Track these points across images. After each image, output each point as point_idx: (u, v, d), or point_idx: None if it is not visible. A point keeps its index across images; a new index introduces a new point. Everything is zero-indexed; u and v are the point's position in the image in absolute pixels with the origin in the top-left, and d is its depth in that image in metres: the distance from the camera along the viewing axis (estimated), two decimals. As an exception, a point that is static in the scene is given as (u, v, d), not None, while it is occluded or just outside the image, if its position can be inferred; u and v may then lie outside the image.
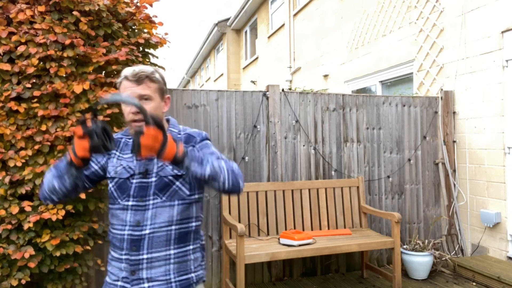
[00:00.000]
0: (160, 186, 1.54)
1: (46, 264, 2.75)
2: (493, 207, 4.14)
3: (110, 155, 1.65)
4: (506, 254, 4.01)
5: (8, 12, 2.80)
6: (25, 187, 2.66)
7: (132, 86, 1.51)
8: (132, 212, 1.53)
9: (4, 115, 2.73)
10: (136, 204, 1.54)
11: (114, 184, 1.58)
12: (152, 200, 1.53)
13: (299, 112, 4.17)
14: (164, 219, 1.53)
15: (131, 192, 1.54)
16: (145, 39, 3.16)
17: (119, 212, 1.56)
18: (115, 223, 1.58)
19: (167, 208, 1.54)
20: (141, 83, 1.51)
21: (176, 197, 1.55)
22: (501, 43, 4.04)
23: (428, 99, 4.62)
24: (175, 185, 1.55)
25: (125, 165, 1.58)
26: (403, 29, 5.57)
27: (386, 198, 4.42)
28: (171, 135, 1.47)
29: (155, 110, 1.53)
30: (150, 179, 1.55)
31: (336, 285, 3.88)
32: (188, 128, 1.69)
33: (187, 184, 1.57)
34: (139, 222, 1.52)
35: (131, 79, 1.51)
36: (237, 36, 14.50)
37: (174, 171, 1.55)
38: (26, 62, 2.73)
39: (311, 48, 8.57)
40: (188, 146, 1.59)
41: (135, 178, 1.56)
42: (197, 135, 1.64)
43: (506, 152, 4.01)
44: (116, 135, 1.67)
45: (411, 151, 4.53)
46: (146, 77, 1.52)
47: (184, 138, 1.62)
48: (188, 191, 1.58)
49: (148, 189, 1.54)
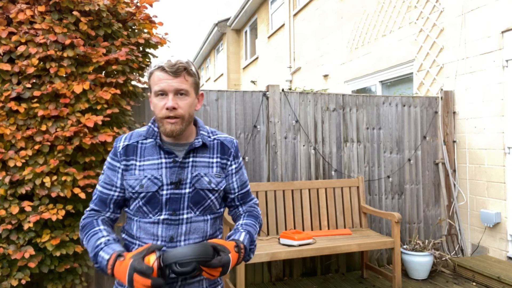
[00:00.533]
0: (195, 199, 1.43)
1: (46, 264, 2.75)
2: (493, 207, 4.14)
3: (128, 167, 1.45)
4: (506, 254, 4.01)
5: (8, 12, 2.80)
6: (25, 187, 2.66)
7: (168, 79, 1.35)
8: (164, 227, 1.41)
9: (4, 115, 2.73)
10: (168, 218, 1.41)
11: (141, 199, 1.41)
12: (186, 214, 1.42)
13: (299, 112, 4.17)
14: (198, 235, 1.44)
15: (163, 206, 1.41)
16: (145, 39, 3.16)
17: (149, 226, 1.42)
18: (142, 236, 1.42)
19: (201, 223, 1.45)
20: (178, 75, 1.36)
21: (208, 211, 1.47)
22: (501, 43, 4.04)
23: (428, 99, 4.62)
24: (210, 199, 1.46)
25: (150, 176, 1.41)
26: (403, 29, 5.57)
27: (386, 198, 4.42)
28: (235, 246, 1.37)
29: (190, 107, 1.40)
30: (184, 190, 1.42)
31: (336, 285, 3.88)
32: (216, 131, 1.57)
33: (219, 198, 1.51)
34: (172, 237, 1.41)
35: (168, 70, 1.35)
36: (237, 36, 14.50)
37: (211, 184, 1.45)
38: (26, 62, 2.73)
39: (311, 48, 8.57)
40: (223, 164, 1.51)
41: (164, 189, 1.41)
42: (230, 145, 1.54)
43: (506, 152, 4.00)
44: (126, 138, 1.49)
45: (411, 151, 4.53)
46: (184, 69, 1.37)
47: (217, 146, 1.51)
48: (218, 205, 1.51)
49: (181, 202, 1.42)
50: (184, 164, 1.43)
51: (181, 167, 1.43)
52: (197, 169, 1.45)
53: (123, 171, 1.46)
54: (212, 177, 1.46)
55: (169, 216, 1.41)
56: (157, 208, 1.41)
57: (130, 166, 1.45)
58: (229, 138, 1.56)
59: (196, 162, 1.45)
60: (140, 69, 3.18)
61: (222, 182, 1.49)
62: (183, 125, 1.39)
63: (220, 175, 1.49)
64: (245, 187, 1.59)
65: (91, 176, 2.78)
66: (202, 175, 1.44)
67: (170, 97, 1.35)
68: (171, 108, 1.35)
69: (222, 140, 1.53)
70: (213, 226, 1.49)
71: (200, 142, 1.46)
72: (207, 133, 1.52)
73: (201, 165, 1.46)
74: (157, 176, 1.41)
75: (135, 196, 1.42)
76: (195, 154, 1.46)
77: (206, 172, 1.45)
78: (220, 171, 1.49)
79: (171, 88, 1.35)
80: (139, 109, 3.59)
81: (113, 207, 1.48)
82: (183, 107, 1.37)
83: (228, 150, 1.52)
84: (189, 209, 1.42)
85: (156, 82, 1.37)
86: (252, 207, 1.60)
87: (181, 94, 1.37)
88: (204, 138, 1.48)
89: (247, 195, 1.60)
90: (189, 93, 1.39)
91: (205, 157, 1.48)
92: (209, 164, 1.47)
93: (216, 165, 1.49)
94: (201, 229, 1.44)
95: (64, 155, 2.71)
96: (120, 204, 1.49)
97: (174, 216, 1.41)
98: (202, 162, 1.46)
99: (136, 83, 3.20)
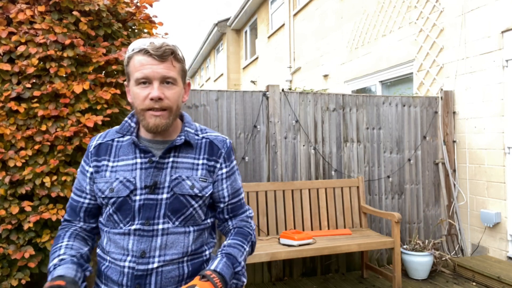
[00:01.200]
0: (173, 206, 1.21)
1: (46, 264, 2.74)
2: (493, 207, 4.14)
3: (99, 168, 1.26)
4: (506, 254, 4.01)
5: (8, 12, 2.80)
6: (25, 187, 2.66)
7: (153, 64, 1.15)
8: (136, 239, 1.20)
9: (4, 115, 2.73)
10: (140, 228, 1.20)
11: (112, 206, 1.22)
12: (161, 224, 1.20)
13: (299, 112, 4.17)
14: (177, 250, 1.21)
15: (136, 214, 1.20)
16: (145, 39, 3.15)
17: (119, 237, 1.22)
18: (112, 250, 1.23)
19: (181, 235, 1.22)
20: (165, 60, 1.16)
21: (191, 222, 1.25)
22: (501, 43, 4.04)
23: (428, 99, 4.62)
24: (193, 207, 1.24)
25: (122, 179, 1.22)
26: (403, 29, 5.57)
27: (386, 198, 4.42)
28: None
29: (178, 98, 1.21)
30: (160, 195, 1.21)
31: (336, 285, 3.88)
32: (207, 129, 1.36)
33: (204, 207, 1.28)
34: (144, 252, 1.19)
35: (153, 53, 1.15)
36: (237, 36, 14.50)
37: (194, 189, 1.24)
38: (26, 62, 2.73)
39: (311, 48, 8.57)
40: (210, 167, 1.28)
41: (137, 193, 1.21)
42: (221, 145, 1.32)
43: (506, 152, 4.00)
44: (101, 136, 1.33)
45: (411, 151, 4.53)
46: (171, 53, 1.17)
47: (205, 146, 1.30)
48: (203, 215, 1.29)
49: (156, 209, 1.21)
50: (162, 165, 1.23)
51: (158, 168, 1.22)
52: (178, 171, 1.24)
53: (92, 174, 1.27)
54: (195, 181, 1.24)
55: (142, 226, 1.19)
56: (128, 217, 1.21)
57: (101, 167, 1.26)
58: (221, 137, 1.34)
59: (177, 163, 1.25)
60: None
61: (208, 187, 1.27)
62: (170, 118, 1.20)
63: (206, 179, 1.27)
64: (237, 196, 1.36)
65: (91, 176, 2.78)
66: (183, 178, 1.23)
67: (155, 85, 1.16)
68: (156, 98, 1.15)
69: (212, 139, 1.32)
70: (198, 241, 1.27)
71: (182, 140, 1.25)
72: (194, 130, 1.32)
73: (183, 167, 1.25)
74: (130, 178, 1.21)
75: (105, 202, 1.23)
76: (176, 154, 1.25)
77: (189, 175, 1.24)
78: (207, 175, 1.27)
79: (156, 75, 1.15)
80: (139, 109, 3.58)
81: (83, 216, 1.30)
82: (171, 98, 1.19)
83: (217, 151, 1.30)
84: (166, 218, 1.21)
85: (137, 68, 1.17)
86: (244, 221, 1.37)
87: (168, 82, 1.18)
88: (189, 135, 1.28)
89: (239, 207, 1.37)
90: (176, 82, 1.20)
91: (189, 157, 1.27)
92: (193, 166, 1.26)
93: (202, 167, 1.27)
94: (180, 243, 1.22)
95: (64, 155, 2.71)
96: (93, 213, 1.31)
97: (147, 226, 1.19)
98: (184, 163, 1.25)
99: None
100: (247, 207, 1.41)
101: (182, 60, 1.23)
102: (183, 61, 1.24)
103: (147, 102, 1.17)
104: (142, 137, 1.28)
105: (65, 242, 1.25)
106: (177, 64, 1.20)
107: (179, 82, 1.21)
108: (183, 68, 1.24)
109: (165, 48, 1.16)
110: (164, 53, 1.15)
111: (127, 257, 1.20)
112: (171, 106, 1.19)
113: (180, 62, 1.22)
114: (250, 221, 1.39)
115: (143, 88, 1.17)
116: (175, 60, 1.19)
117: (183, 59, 1.24)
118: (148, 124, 1.19)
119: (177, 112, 1.23)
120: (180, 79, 1.23)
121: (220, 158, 1.30)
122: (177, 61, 1.20)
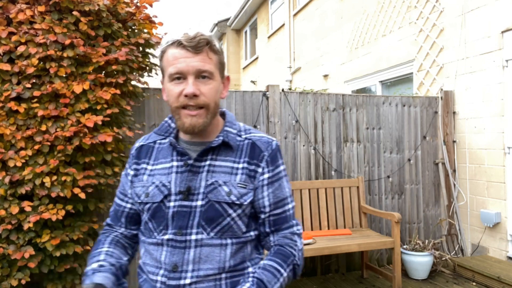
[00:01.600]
0: (208, 215, 1.09)
1: (46, 264, 2.75)
2: (493, 207, 4.14)
3: (138, 171, 1.19)
4: (506, 254, 4.01)
5: (8, 12, 2.80)
6: (25, 187, 2.66)
7: (187, 56, 1.04)
8: (168, 250, 1.09)
9: (4, 115, 2.73)
10: (173, 238, 1.09)
11: (147, 213, 1.14)
12: (194, 235, 1.08)
13: (299, 112, 4.17)
14: (212, 265, 1.08)
15: (169, 222, 1.10)
16: (145, 39, 3.16)
17: (153, 248, 1.12)
18: (147, 262, 1.14)
19: (217, 248, 1.09)
20: (199, 52, 1.05)
21: (229, 233, 1.11)
22: (501, 43, 4.04)
23: (428, 99, 4.62)
24: (230, 217, 1.10)
25: (158, 183, 1.13)
26: (403, 29, 5.57)
27: (386, 198, 4.42)
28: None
29: (216, 94, 1.10)
30: (195, 202, 1.10)
31: (336, 285, 3.88)
32: (251, 129, 1.22)
33: (245, 217, 1.13)
34: (176, 266, 1.07)
35: (186, 44, 1.04)
36: (237, 36, 14.50)
37: (230, 196, 1.10)
38: (26, 62, 2.73)
39: (311, 48, 8.57)
40: (251, 171, 1.14)
41: (172, 199, 1.11)
42: (264, 146, 1.17)
43: (506, 152, 4.00)
44: (144, 138, 1.25)
45: (411, 151, 4.53)
46: (206, 44, 1.07)
47: (247, 147, 1.16)
48: (244, 226, 1.14)
49: (190, 218, 1.09)
50: (198, 169, 1.12)
51: (193, 172, 1.11)
52: (214, 175, 1.12)
53: (132, 178, 1.20)
54: (233, 187, 1.11)
55: (174, 236, 1.09)
56: (162, 225, 1.11)
57: (140, 171, 1.18)
58: (265, 138, 1.19)
59: (214, 166, 1.13)
60: (140, 69, 3.18)
61: (247, 194, 1.13)
62: (207, 117, 1.09)
63: (246, 185, 1.13)
64: (281, 206, 1.17)
65: (91, 176, 2.78)
66: (220, 183, 1.10)
67: (190, 80, 1.05)
68: (191, 94, 1.04)
69: (255, 140, 1.17)
70: (237, 255, 1.11)
71: (220, 141, 1.13)
72: (236, 131, 1.18)
73: (221, 171, 1.13)
74: (166, 183, 1.12)
75: (141, 207, 1.16)
76: (214, 157, 1.14)
77: (227, 180, 1.11)
78: (247, 180, 1.13)
79: (191, 69, 1.05)
80: (139, 109, 3.58)
81: (125, 222, 1.23)
82: (207, 94, 1.07)
83: (260, 154, 1.15)
84: (199, 228, 1.08)
85: (170, 62, 1.07)
86: (288, 238, 1.17)
87: (204, 77, 1.07)
88: (228, 136, 1.15)
89: (284, 220, 1.18)
90: (213, 76, 1.08)
91: (228, 160, 1.14)
92: (232, 170, 1.13)
93: (242, 172, 1.13)
94: (215, 257, 1.08)
95: (64, 155, 2.71)
96: (135, 219, 1.23)
97: (180, 236, 1.08)
98: (222, 167, 1.13)
99: (136, 83, 3.20)
100: (295, 222, 1.21)
101: (219, 51, 1.12)
102: (220, 53, 1.12)
103: (182, 99, 1.06)
104: (181, 139, 1.19)
105: (106, 248, 1.18)
106: (214, 55, 1.09)
107: (216, 76, 1.10)
108: (221, 60, 1.13)
109: (200, 39, 1.05)
110: (198, 43, 1.05)
111: (160, 271, 1.10)
112: (208, 103, 1.08)
113: (217, 54, 1.11)
114: (296, 239, 1.18)
115: (177, 84, 1.07)
116: (211, 52, 1.08)
117: (221, 50, 1.13)
118: (183, 124, 1.08)
119: (215, 109, 1.12)
120: (218, 73, 1.11)
121: (262, 161, 1.15)
122: (214, 52, 1.09)
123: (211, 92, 1.07)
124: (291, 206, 1.20)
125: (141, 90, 3.39)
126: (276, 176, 1.17)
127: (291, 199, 1.20)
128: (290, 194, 1.20)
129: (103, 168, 2.89)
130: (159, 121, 3.64)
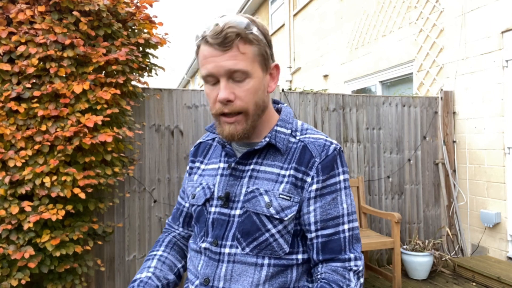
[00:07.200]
0: (245, 227, 0.94)
1: (46, 264, 2.75)
2: (493, 207, 4.14)
3: (192, 170, 1.11)
4: (506, 254, 4.01)
5: (8, 12, 2.80)
6: (25, 187, 2.66)
7: (215, 55, 0.89)
8: (205, 260, 0.97)
9: (4, 115, 2.73)
10: (209, 248, 0.97)
11: (194, 215, 1.05)
12: (228, 248, 0.94)
13: (299, 112, 4.17)
14: (243, 286, 0.92)
15: (209, 229, 0.99)
16: (145, 39, 3.16)
17: (193, 254, 1.02)
18: (190, 268, 1.04)
19: (251, 268, 0.93)
20: (228, 48, 0.88)
21: (267, 252, 0.93)
22: (501, 43, 4.04)
23: (428, 99, 4.62)
24: (269, 232, 0.93)
25: (204, 184, 1.03)
26: (403, 29, 5.57)
27: (386, 198, 4.42)
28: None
29: (255, 94, 0.93)
30: (233, 210, 0.96)
31: (336, 285, 3.88)
32: (309, 129, 1.03)
33: (288, 235, 0.95)
34: (208, 279, 0.95)
35: (211, 41, 0.88)
36: (237, 36, 14.50)
37: (269, 209, 0.93)
38: (26, 62, 2.73)
39: (311, 48, 8.57)
40: (298, 180, 0.95)
41: (213, 204, 1.00)
42: (317, 151, 0.96)
43: (506, 152, 4.01)
44: (206, 134, 1.16)
45: (411, 151, 4.53)
46: (237, 36, 0.88)
47: (297, 151, 0.98)
48: (287, 246, 0.95)
49: (227, 227, 0.96)
50: (240, 173, 0.99)
51: (235, 176, 0.99)
52: (256, 182, 0.97)
53: (188, 176, 1.12)
54: (275, 197, 0.94)
55: (210, 246, 0.97)
56: (203, 231, 1.00)
57: (193, 169, 1.10)
58: (322, 140, 0.98)
59: (258, 171, 0.98)
60: (140, 69, 3.18)
61: (291, 208, 0.94)
62: (247, 123, 0.94)
63: (290, 197, 0.94)
64: (333, 226, 0.95)
65: (91, 176, 2.78)
66: (261, 191, 0.95)
67: (222, 84, 0.91)
68: (224, 101, 0.90)
69: (308, 143, 0.98)
70: (275, 280, 0.93)
71: (264, 143, 0.97)
72: (289, 130, 1.01)
73: (265, 177, 0.97)
74: (211, 185, 1.01)
75: (191, 209, 1.07)
76: (259, 160, 0.99)
77: (269, 189, 0.95)
78: (291, 190, 0.95)
79: (221, 70, 0.89)
80: (139, 109, 3.58)
81: (182, 222, 1.14)
82: (243, 97, 0.92)
83: (310, 159, 0.96)
84: (235, 240, 0.94)
85: (201, 62, 0.92)
86: (339, 274, 0.93)
87: (238, 81, 0.91)
88: (277, 137, 0.98)
89: (337, 245, 0.95)
90: (249, 74, 0.91)
91: (275, 166, 0.97)
92: (278, 177, 0.96)
93: (288, 180, 0.96)
94: (248, 277, 0.92)
95: (64, 155, 2.71)
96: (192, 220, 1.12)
97: (215, 247, 0.96)
98: (267, 173, 0.97)
99: (136, 83, 3.20)
100: (355, 254, 0.96)
101: (257, 39, 0.92)
102: (258, 41, 0.92)
103: (217, 105, 0.92)
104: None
105: (160, 252, 1.09)
106: (248, 48, 0.90)
107: (254, 72, 0.92)
108: (260, 51, 0.92)
109: (227, 32, 0.87)
110: (225, 39, 0.87)
111: (196, 280, 0.98)
112: (246, 108, 0.93)
113: (254, 44, 0.91)
114: (350, 277, 0.93)
115: (211, 88, 0.93)
116: (244, 44, 0.89)
117: (260, 36, 0.92)
118: (222, 132, 0.95)
119: (256, 111, 0.95)
120: (258, 66, 0.93)
121: (312, 169, 0.95)
122: (248, 43, 0.90)
123: (248, 94, 0.92)
124: (349, 227, 0.96)
125: (141, 90, 3.39)
126: (329, 187, 0.96)
127: (349, 218, 0.97)
128: (349, 213, 0.97)
129: (103, 168, 2.89)
130: (159, 121, 3.64)
